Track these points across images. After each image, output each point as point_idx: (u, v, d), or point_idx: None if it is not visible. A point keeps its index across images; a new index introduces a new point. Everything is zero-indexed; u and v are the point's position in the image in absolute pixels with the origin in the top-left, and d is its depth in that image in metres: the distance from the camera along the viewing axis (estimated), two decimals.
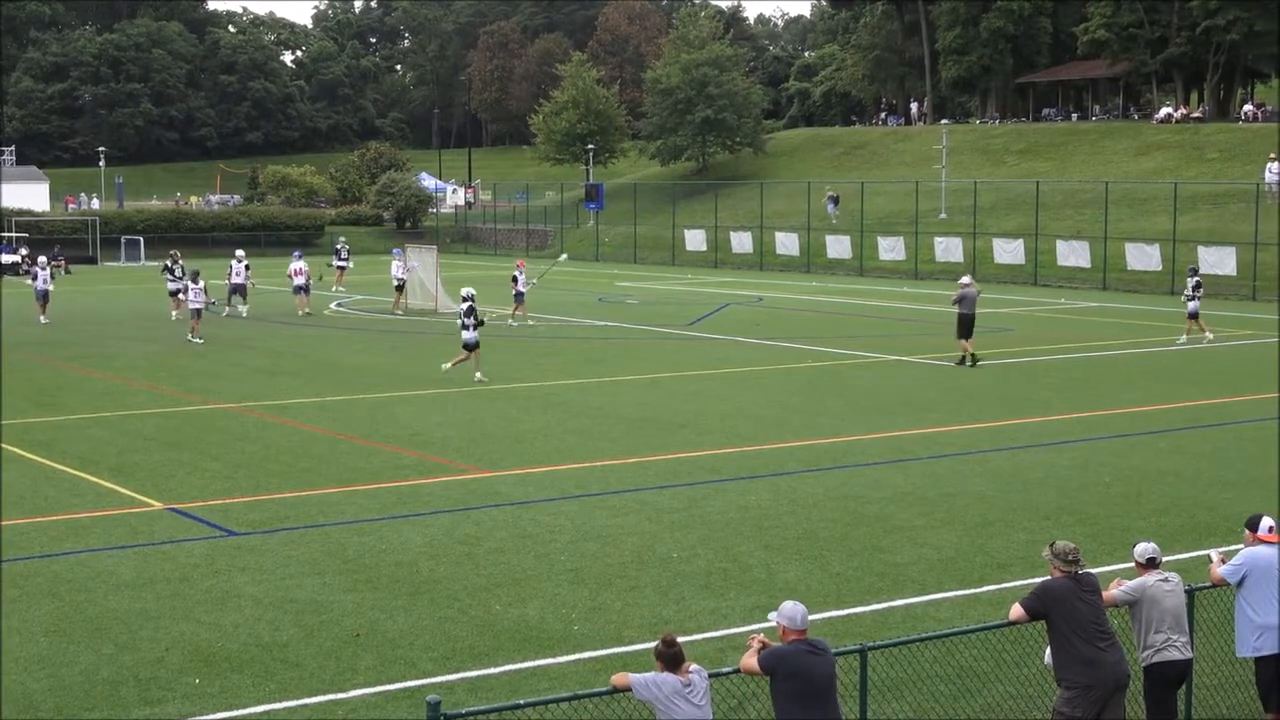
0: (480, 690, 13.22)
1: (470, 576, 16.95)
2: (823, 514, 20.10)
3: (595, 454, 24.77)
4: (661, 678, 9.66)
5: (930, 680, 12.54)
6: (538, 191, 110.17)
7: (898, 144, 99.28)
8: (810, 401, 30.96)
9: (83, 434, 26.69)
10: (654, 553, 18.01)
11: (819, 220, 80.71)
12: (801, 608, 10.11)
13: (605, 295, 61.04)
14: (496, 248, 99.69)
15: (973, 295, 36.32)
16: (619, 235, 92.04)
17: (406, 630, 14.99)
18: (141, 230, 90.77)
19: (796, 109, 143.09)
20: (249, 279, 50.21)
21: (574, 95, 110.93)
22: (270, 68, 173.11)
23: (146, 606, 15.77)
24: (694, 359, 38.18)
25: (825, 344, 41.55)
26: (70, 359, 38.28)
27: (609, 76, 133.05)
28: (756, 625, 12.64)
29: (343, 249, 62.24)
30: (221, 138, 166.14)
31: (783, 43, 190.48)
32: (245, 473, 23.13)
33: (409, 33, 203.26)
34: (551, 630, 15.02)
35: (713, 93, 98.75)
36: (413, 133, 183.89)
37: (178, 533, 19.17)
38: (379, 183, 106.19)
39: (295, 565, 17.41)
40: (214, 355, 38.94)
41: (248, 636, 14.77)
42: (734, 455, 24.70)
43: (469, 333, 32.98)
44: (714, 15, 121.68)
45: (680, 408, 29.91)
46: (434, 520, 19.80)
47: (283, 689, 13.31)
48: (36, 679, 13.54)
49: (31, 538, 18.82)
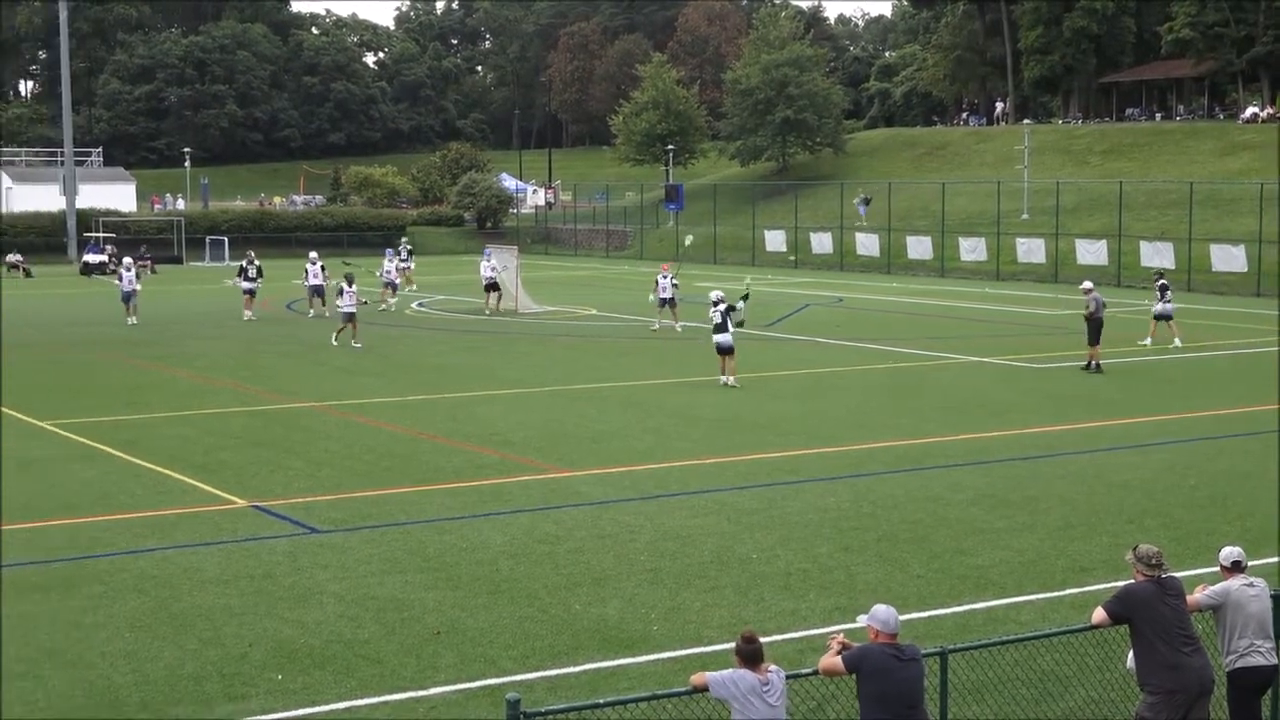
0: (559, 689, 13.25)
1: (550, 576, 16.99)
2: (903, 515, 20.01)
3: (674, 454, 24.77)
4: (739, 675, 9.65)
5: (1011, 684, 12.46)
6: (617, 192, 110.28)
7: (979, 144, 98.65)
8: (890, 402, 30.83)
9: (168, 432, 26.97)
10: (733, 553, 17.98)
11: (899, 221, 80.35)
12: (892, 611, 10.07)
13: (685, 296, 60.90)
14: (576, 248, 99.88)
15: (1101, 300, 36.10)
16: (698, 235, 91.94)
17: (486, 628, 15.05)
18: (226, 230, 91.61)
19: (877, 109, 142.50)
20: (326, 279, 50.41)
21: (654, 96, 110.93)
22: (353, 69, 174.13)
23: (230, 603, 15.92)
24: (774, 360, 38.10)
25: (906, 345, 41.36)
26: (155, 358, 38.68)
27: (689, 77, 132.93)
28: (836, 626, 12.61)
29: (403, 249, 62.64)
30: (305, 139, 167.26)
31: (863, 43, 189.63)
32: (327, 471, 23.30)
33: (490, 34, 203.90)
34: (631, 630, 15.04)
35: (793, 93, 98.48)
36: (493, 134, 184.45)
37: (261, 530, 19.34)
38: (460, 183, 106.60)
39: (377, 563, 17.52)
40: (297, 355, 39.24)
41: (330, 633, 14.88)
42: (814, 456, 24.63)
43: (723, 335, 32.69)
44: (794, 15, 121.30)
45: (759, 408, 29.86)
46: (514, 519, 19.86)
47: (364, 685, 13.39)
48: (122, 673, 13.69)
49: (117, 534, 19.04)
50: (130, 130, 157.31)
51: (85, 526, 19.45)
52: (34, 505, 20.76)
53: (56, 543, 18.56)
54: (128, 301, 47.91)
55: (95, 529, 19.31)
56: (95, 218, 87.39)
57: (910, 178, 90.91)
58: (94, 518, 19.96)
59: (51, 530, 19.23)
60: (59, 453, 24.90)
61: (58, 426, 27.44)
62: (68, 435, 26.53)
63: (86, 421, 28.04)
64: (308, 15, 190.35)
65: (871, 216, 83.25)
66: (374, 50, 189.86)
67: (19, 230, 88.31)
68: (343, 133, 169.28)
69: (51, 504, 20.85)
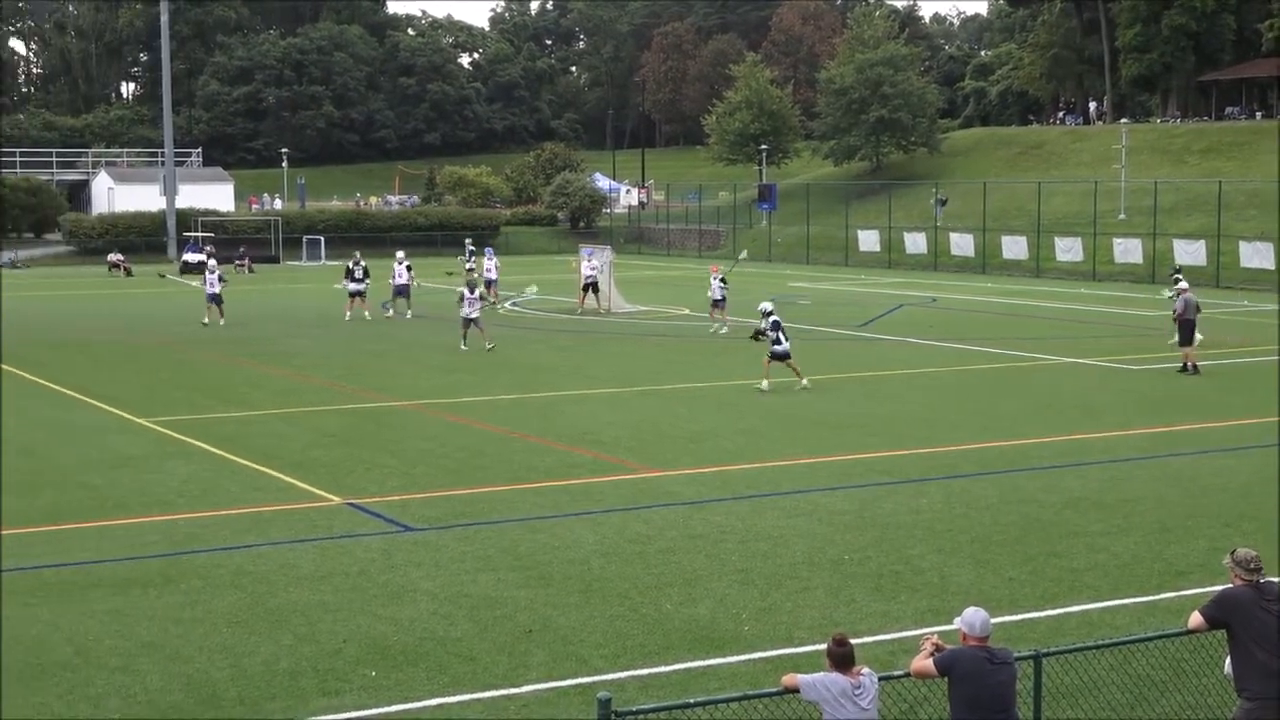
0: (650, 688, 13.26)
1: (641, 575, 17.01)
2: (997, 518, 19.86)
3: (766, 454, 24.72)
4: (831, 678, 9.62)
5: (1106, 688, 12.33)
6: (711, 192, 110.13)
7: (1075, 143, 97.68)
8: (984, 404, 30.62)
9: (265, 429, 27.25)
10: (825, 554, 17.93)
11: (994, 221, 79.76)
12: (983, 614, 10.00)
13: (778, 296, 60.80)
14: (670, 248, 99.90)
15: (1193, 301, 35.71)
16: (791, 235, 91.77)
17: (578, 627, 15.09)
18: (322, 230, 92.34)
19: (972, 108, 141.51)
20: (411, 279, 50.44)
21: (747, 95, 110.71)
22: (448, 70, 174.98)
23: (325, 599, 16.05)
24: (867, 360, 37.95)
25: (1000, 345, 41.06)
26: (253, 356, 39.08)
27: (783, 77, 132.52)
28: (928, 628, 12.54)
29: (467, 249, 62.94)
30: (400, 139, 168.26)
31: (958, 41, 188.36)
32: (421, 469, 23.44)
33: (584, 34, 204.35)
34: (722, 630, 15.02)
35: (887, 92, 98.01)
36: (587, 133, 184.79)
37: (355, 527, 19.50)
38: (554, 183, 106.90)
39: (469, 561, 17.61)
40: (391, 354, 39.51)
41: (423, 630, 14.97)
42: (906, 457, 24.51)
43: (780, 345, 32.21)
44: (889, 14, 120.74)
45: (852, 409, 29.76)
46: (606, 519, 19.90)
47: (456, 682, 13.46)
48: (219, 668, 13.85)
49: (215, 530, 19.26)
50: (229, 131, 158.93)
51: (182, 523, 19.68)
52: (131, 502, 21.04)
53: (153, 539, 18.80)
54: (214, 303, 47.16)
55: (192, 525, 19.55)
56: (194, 217, 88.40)
57: (1005, 177, 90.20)
58: (191, 514, 20.20)
59: (149, 526, 19.48)
60: (156, 450, 25.21)
61: (155, 424, 27.79)
62: (165, 432, 26.86)
63: (184, 419, 28.38)
64: (404, 17, 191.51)
65: (966, 217, 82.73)
66: (469, 51, 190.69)
67: (120, 230, 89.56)
68: (438, 133, 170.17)
69: (149, 500, 21.12)
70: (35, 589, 16.45)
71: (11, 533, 19.12)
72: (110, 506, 20.72)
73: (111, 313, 53.20)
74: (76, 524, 19.60)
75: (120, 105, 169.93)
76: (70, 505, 20.80)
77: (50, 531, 19.20)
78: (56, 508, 20.61)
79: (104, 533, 19.13)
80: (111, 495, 21.48)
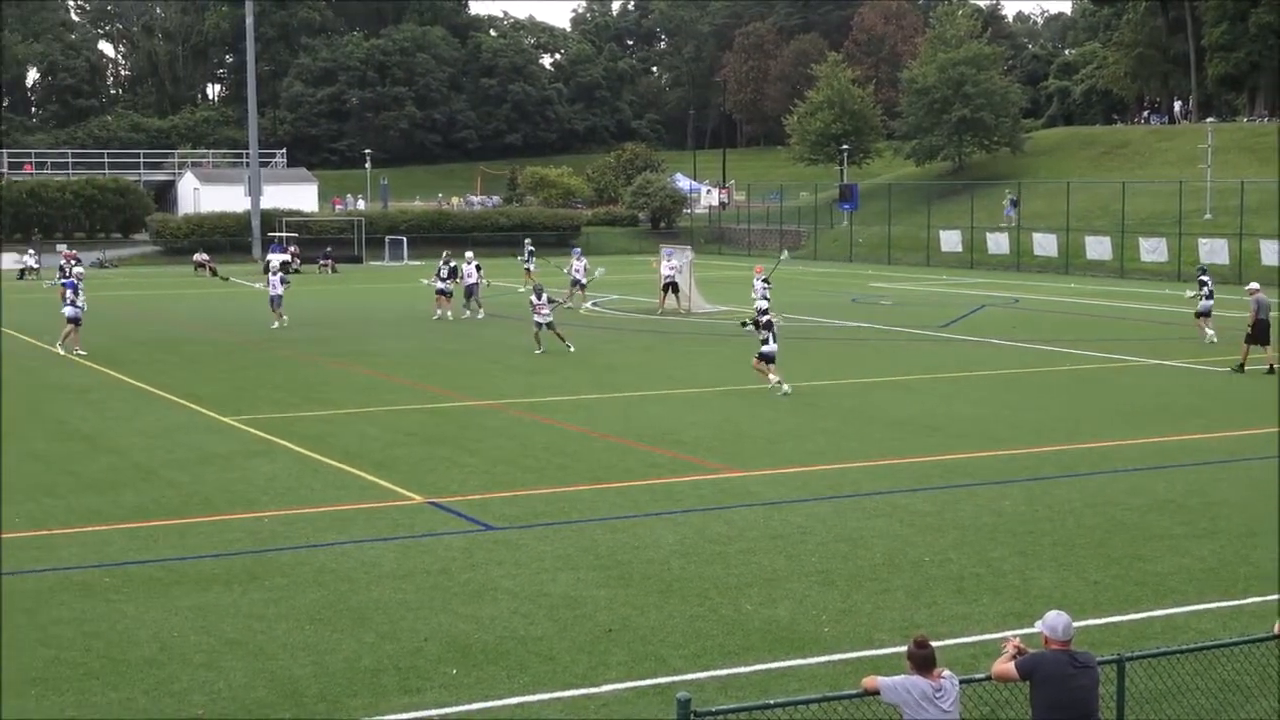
0: (730, 689, 13.25)
1: (721, 575, 17.00)
2: (1080, 520, 19.70)
3: (847, 456, 24.65)
4: (912, 681, 9.58)
5: (1190, 693, 12.21)
6: (791, 192, 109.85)
7: (1161, 143, 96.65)
8: (1067, 406, 30.37)
9: (348, 428, 27.43)
10: (905, 556, 17.85)
11: (1078, 221, 79.08)
12: (1065, 617, 9.94)
13: (859, 296, 60.68)
14: (750, 248, 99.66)
15: (1265, 302, 35.35)
16: (873, 236, 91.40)
17: (658, 627, 15.09)
18: (404, 230, 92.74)
19: (1056, 107, 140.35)
20: (481, 279, 50.41)
21: (829, 95, 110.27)
22: (529, 71, 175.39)
23: (407, 597, 16.14)
24: (948, 361, 37.75)
25: (1083, 347, 40.71)
26: (336, 356, 39.35)
27: (864, 76, 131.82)
28: (1009, 631, 12.45)
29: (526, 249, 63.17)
30: (482, 140, 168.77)
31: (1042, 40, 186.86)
32: (502, 468, 23.53)
33: (665, 35, 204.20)
34: (802, 631, 14.99)
35: (970, 92, 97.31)
36: (668, 134, 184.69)
37: (437, 526, 19.60)
38: (634, 184, 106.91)
39: (550, 560, 17.66)
40: (473, 353, 39.67)
41: (503, 629, 15.02)
42: (988, 459, 24.36)
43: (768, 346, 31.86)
44: (972, 14, 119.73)
45: (933, 410, 29.61)
46: (685, 519, 19.90)
47: (536, 681, 13.50)
48: (301, 665, 13.96)
49: (298, 528, 19.42)
50: (312, 132, 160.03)
51: (267, 520, 19.86)
52: (216, 499, 21.25)
53: (238, 536, 18.98)
54: (275, 305, 46.63)
55: (276, 523, 19.72)
56: (279, 218, 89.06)
57: (1089, 177, 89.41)
58: (275, 512, 20.37)
59: (233, 524, 19.66)
60: (241, 448, 25.44)
61: (241, 422, 28.04)
62: (250, 431, 27.10)
63: (268, 417, 28.64)
64: (486, 18, 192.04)
65: (1049, 217, 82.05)
66: (550, 52, 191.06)
67: (205, 230, 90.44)
68: (519, 134, 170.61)
69: (234, 498, 21.32)
70: (120, 585, 16.64)
71: (96, 529, 19.38)
72: (196, 504, 20.94)
73: (197, 312, 53.72)
74: (162, 521, 19.82)
75: (206, 107, 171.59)
76: (156, 502, 21.03)
77: (135, 528, 19.42)
78: (142, 505, 20.84)
79: (189, 530, 19.33)
80: (197, 493, 21.70)
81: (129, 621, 15.28)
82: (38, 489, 21.96)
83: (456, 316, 48.87)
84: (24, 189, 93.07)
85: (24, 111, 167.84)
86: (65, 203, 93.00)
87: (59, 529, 19.40)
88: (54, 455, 24.87)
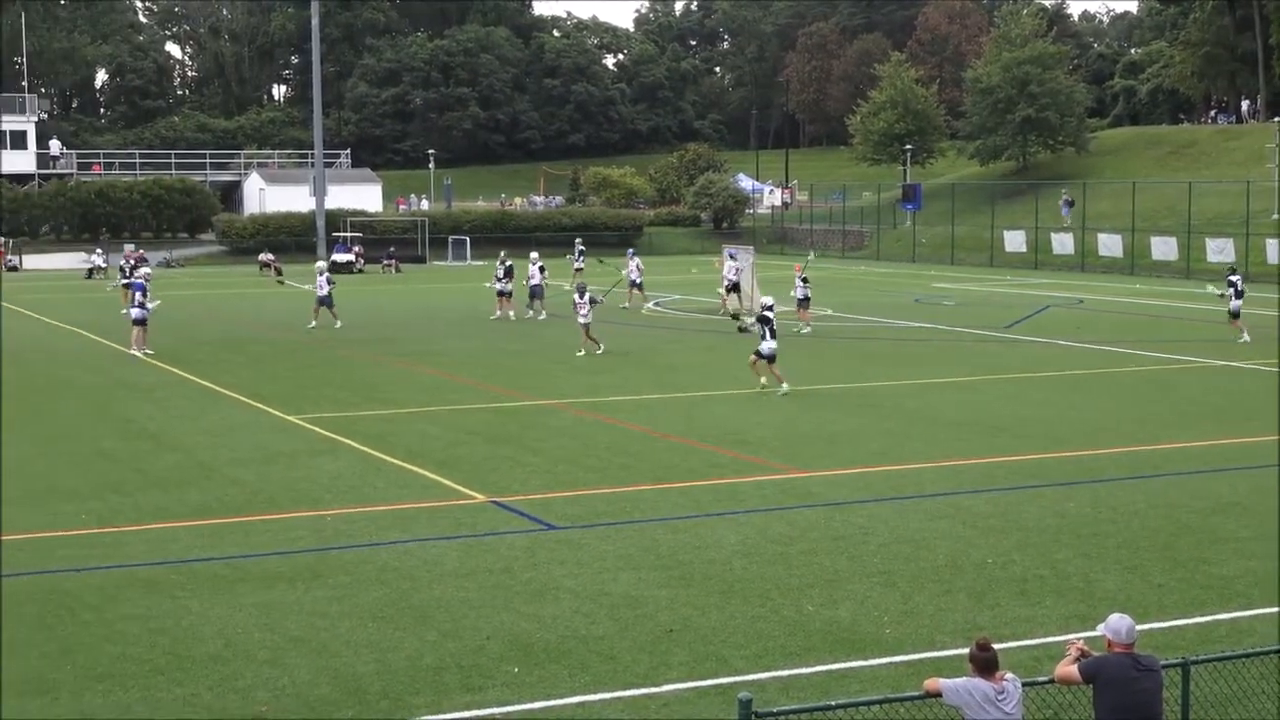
0: (791, 689, 13.22)
1: (783, 576, 16.97)
2: (1144, 523, 19.55)
3: (909, 456, 24.55)
4: (974, 684, 9.54)
5: (1256, 697, 12.08)
6: (854, 192, 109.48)
7: (1228, 142, 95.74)
8: (1132, 407, 30.15)
9: (411, 428, 27.53)
10: (968, 557, 17.76)
11: (1143, 221, 78.47)
12: (1128, 620, 9.88)
13: (921, 296, 60.44)
14: (812, 248, 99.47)
15: None
16: (936, 236, 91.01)
17: (719, 627, 15.08)
18: (468, 230, 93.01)
19: (1121, 107, 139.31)
20: (544, 280, 50.35)
21: (892, 95, 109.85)
22: (593, 71, 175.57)
23: (469, 596, 16.19)
24: (1012, 362, 37.54)
25: (1148, 348, 40.41)
26: (399, 355, 39.52)
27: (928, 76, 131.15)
28: (1073, 634, 12.37)
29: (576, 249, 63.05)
30: (545, 140, 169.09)
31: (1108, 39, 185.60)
32: (564, 468, 23.56)
33: (728, 35, 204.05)
34: (863, 632, 14.94)
35: (1034, 91, 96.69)
36: (730, 134, 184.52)
37: (499, 525, 19.64)
38: (697, 184, 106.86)
39: (611, 560, 17.67)
40: (535, 353, 39.74)
41: (565, 628, 15.04)
42: (1052, 461, 24.20)
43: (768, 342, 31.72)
44: (1037, 13, 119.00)
45: (997, 411, 29.45)
46: (747, 519, 19.87)
47: (598, 681, 13.52)
48: (365, 662, 14.02)
49: (361, 526, 19.51)
50: (377, 132, 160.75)
51: (330, 519, 19.96)
52: (280, 498, 21.38)
53: (302, 534, 19.09)
54: (324, 305, 46.16)
55: (340, 521, 19.81)
56: (343, 218, 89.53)
57: (1155, 177, 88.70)
58: (339, 510, 20.47)
59: (297, 522, 19.78)
60: (305, 446, 25.59)
61: (304, 420, 28.21)
62: (314, 429, 27.26)
63: (332, 416, 28.79)
64: (549, 18, 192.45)
65: (1114, 217, 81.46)
66: (614, 52, 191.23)
67: (271, 230, 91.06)
68: (582, 134, 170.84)
69: (298, 496, 21.45)
70: (185, 582, 16.77)
71: (162, 526, 19.53)
72: (260, 502, 21.07)
73: (261, 311, 54.05)
74: (226, 519, 19.96)
75: (271, 107, 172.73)
76: (220, 500, 21.18)
77: (200, 526, 19.56)
78: (206, 503, 21.00)
79: (253, 527, 19.46)
80: (262, 491, 21.84)
81: (194, 618, 15.40)
82: (105, 486, 22.17)
83: (519, 316, 48.95)
84: (92, 189, 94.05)
85: (93, 112, 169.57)
86: (133, 203, 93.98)
87: (126, 526, 19.57)
88: (121, 453, 25.09)
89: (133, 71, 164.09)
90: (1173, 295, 60.87)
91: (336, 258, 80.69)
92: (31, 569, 17.34)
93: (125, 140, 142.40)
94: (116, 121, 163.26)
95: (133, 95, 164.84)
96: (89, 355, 39.73)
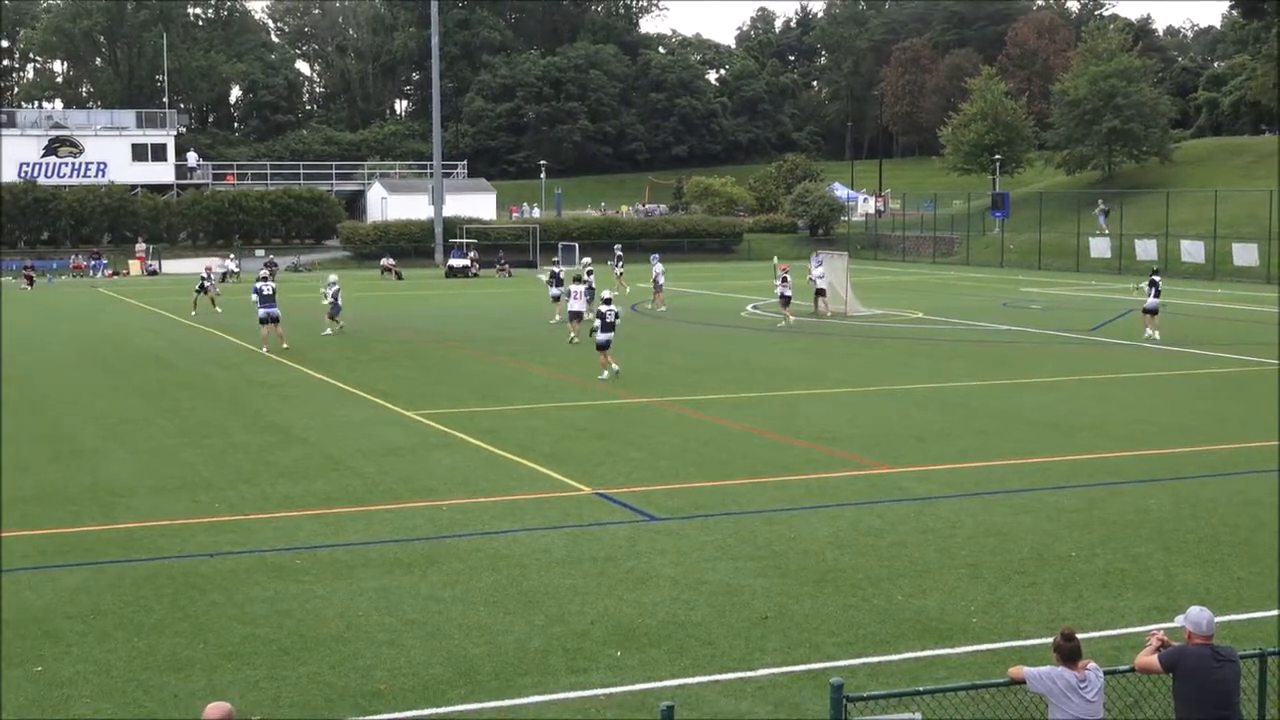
0: (881, 676, 13.16)
1: (873, 567, 16.88)
2: (1224, 518, 19.26)
3: (995, 454, 24.34)
4: (1057, 672, 9.45)
5: None
6: (945, 200, 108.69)
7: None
8: (1212, 407, 29.71)
9: (522, 424, 27.65)
10: (1052, 551, 17.58)
11: (1225, 228, 77.29)
12: (1207, 613, 9.75)
13: (1009, 300, 59.87)
14: (904, 254, 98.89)
15: None
16: (1023, 242, 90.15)
17: (812, 615, 15.03)
18: (576, 237, 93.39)
19: (1204, 119, 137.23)
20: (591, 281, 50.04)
21: (982, 108, 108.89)
22: (696, 86, 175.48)
23: (574, 583, 16.24)
24: (1096, 364, 37.10)
25: (1229, 350, 39.80)
26: (511, 355, 39.72)
27: (1017, 89, 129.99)
28: (1154, 625, 12.21)
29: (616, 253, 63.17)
30: (650, 151, 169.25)
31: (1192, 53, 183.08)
32: (666, 462, 23.57)
33: (825, 51, 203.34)
34: (951, 621, 14.83)
35: (1120, 103, 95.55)
36: (827, 145, 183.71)
37: (604, 516, 19.68)
38: (794, 192, 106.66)
39: (710, 550, 17.65)
40: (638, 353, 39.78)
41: (665, 614, 15.05)
42: (1134, 459, 23.90)
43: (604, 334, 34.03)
44: (1123, 27, 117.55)
45: (1081, 411, 29.11)
46: (840, 512, 19.79)
47: (696, 665, 13.51)
48: (476, 645, 14.10)
49: (475, 516, 19.62)
50: (492, 145, 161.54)
51: (445, 509, 20.10)
52: (399, 489, 21.55)
53: (418, 523, 19.23)
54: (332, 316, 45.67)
55: (454, 511, 19.94)
56: (460, 225, 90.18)
57: (1237, 186, 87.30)
58: (453, 500, 20.61)
59: (414, 511, 19.93)
60: (422, 441, 25.78)
61: (422, 416, 28.42)
62: (431, 425, 27.45)
63: (448, 412, 28.98)
64: (655, 36, 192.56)
65: (1197, 224, 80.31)
66: (716, 68, 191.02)
67: (392, 236, 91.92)
68: (685, 145, 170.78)
69: (415, 487, 21.61)
70: (310, 567, 16.95)
71: (289, 515, 19.76)
72: (380, 493, 21.25)
73: (383, 313, 54.52)
74: (349, 508, 20.15)
75: (393, 121, 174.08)
76: (343, 491, 21.39)
77: (324, 514, 19.77)
78: (330, 493, 21.21)
79: (373, 516, 19.63)
80: (381, 482, 22.03)
81: (318, 601, 15.56)
82: (237, 478, 22.46)
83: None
84: (227, 198, 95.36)
85: (228, 126, 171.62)
86: (264, 211, 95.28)
87: (255, 514, 19.82)
88: (252, 446, 25.40)
89: (265, 88, 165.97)
90: (1255, 300, 59.87)
91: (453, 262, 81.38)
92: (171, 554, 17.61)
93: (257, 152, 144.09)
94: (249, 135, 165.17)
95: (265, 110, 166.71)
96: (224, 354, 40.22)
